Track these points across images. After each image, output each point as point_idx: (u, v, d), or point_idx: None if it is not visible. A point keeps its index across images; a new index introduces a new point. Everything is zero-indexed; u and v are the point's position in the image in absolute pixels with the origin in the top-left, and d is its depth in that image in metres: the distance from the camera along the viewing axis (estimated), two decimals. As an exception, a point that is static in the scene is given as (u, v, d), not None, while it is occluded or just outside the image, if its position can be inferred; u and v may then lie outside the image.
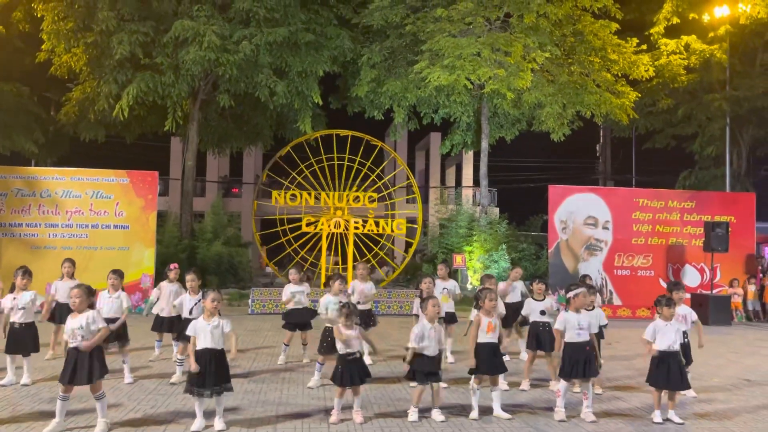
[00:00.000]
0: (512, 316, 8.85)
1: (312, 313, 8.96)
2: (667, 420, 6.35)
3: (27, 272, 7.57)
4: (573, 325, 6.45)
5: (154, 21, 16.02)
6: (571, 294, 6.67)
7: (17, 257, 12.98)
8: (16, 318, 7.33)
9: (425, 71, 16.45)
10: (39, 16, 16.55)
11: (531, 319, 7.85)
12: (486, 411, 6.42)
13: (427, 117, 20.28)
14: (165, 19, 16.19)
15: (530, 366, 7.84)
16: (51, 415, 5.79)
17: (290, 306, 8.85)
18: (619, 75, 18.44)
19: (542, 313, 7.74)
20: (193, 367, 5.60)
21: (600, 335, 7.67)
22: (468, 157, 29.76)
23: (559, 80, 17.66)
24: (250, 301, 14.82)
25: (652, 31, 20.90)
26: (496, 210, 26.35)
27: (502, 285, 9.28)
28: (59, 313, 8.84)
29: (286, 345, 8.97)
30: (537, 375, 8.09)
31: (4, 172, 14.42)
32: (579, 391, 6.80)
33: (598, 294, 7.85)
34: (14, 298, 7.33)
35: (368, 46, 18.39)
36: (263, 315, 14.25)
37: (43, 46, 16.93)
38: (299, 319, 8.84)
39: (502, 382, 7.24)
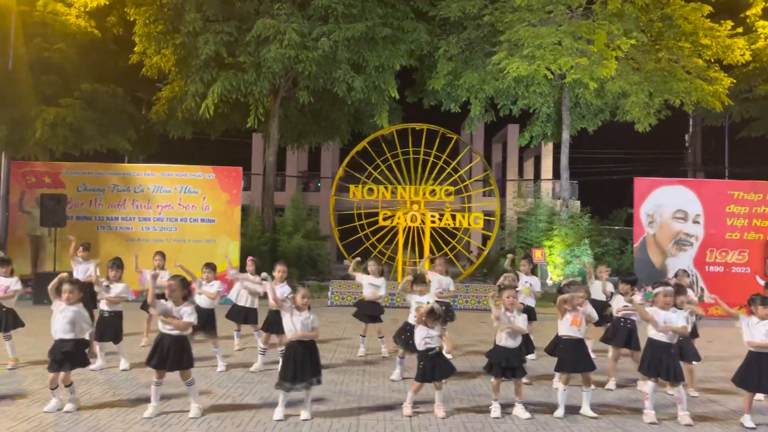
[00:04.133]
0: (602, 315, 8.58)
1: (381, 308, 9.04)
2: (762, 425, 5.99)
3: (118, 264, 8.00)
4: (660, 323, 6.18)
5: (237, 21, 16.53)
6: (654, 291, 6.42)
7: (114, 249, 13.76)
8: (105, 307, 7.79)
9: (503, 62, 16.18)
10: (131, 20, 17.46)
11: (615, 315, 7.59)
12: (572, 409, 6.27)
13: (505, 109, 19.91)
14: (247, 18, 16.68)
15: (615, 364, 7.58)
16: (148, 399, 6.12)
17: (365, 294, 8.96)
18: (712, 60, 17.46)
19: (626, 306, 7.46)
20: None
21: (694, 334, 7.36)
22: (547, 149, 29.05)
23: (646, 68, 16.91)
24: (329, 293, 15.10)
25: (748, 13, 19.58)
26: (578, 203, 25.61)
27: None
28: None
29: (363, 336, 9.08)
30: (625, 375, 7.80)
31: (102, 169, 15.34)
32: (672, 394, 6.50)
33: (690, 291, 7.47)
34: (107, 286, 7.78)
35: (445, 38, 18.26)
36: (342, 307, 14.47)
37: (135, 49, 17.83)
38: (369, 311, 8.91)
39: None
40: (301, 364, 5.78)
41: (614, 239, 18.98)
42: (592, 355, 7.64)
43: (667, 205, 15.38)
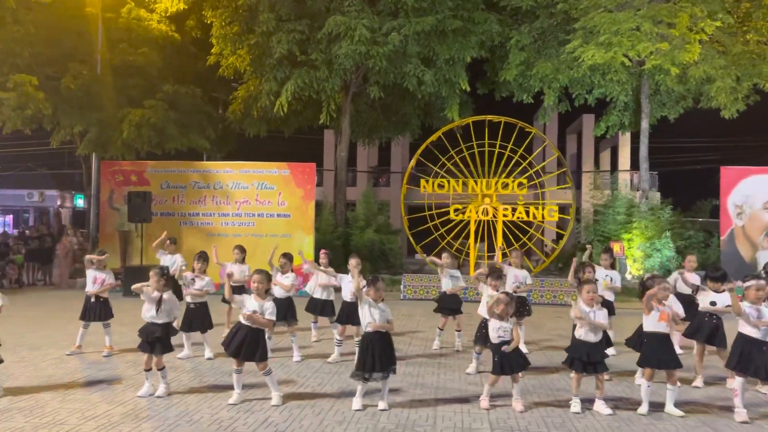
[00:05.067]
0: (689, 309, 8.22)
1: (461, 300, 9.03)
2: None
3: (204, 257, 8.33)
4: (752, 318, 5.87)
5: (309, 19, 16.83)
6: (745, 285, 6.10)
7: (195, 244, 14.30)
8: (192, 299, 8.12)
9: (578, 50, 15.75)
10: (209, 22, 18.11)
11: (700, 308, 7.25)
12: (656, 406, 6.06)
13: (580, 98, 19.35)
14: (319, 16, 16.94)
15: (701, 360, 7.25)
16: (231, 387, 6.36)
17: (443, 290, 8.96)
18: (807, 40, 16.37)
19: (713, 303, 7.11)
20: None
21: None
22: (625, 139, 28.05)
23: (732, 51, 16.04)
24: (402, 286, 15.17)
25: None
26: (658, 195, 24.61)
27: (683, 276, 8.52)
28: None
29: (441, 330, 9.09)
30: (713, 372, 7.47)
31: (184, 167, 16.02)
32: (765, 392, 6.17)
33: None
34: (192, 280, 8.12)
35: (517, 28, 17.94)
36: (415, 300, 14.52)
37: (212, 50, 18.50)
38: (451, 304, 8.91)
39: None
40: (380, 355, 5.86)
41: (698, 232, 18.13)
42: (679, 352, 7.36)
43: (757, 195, 14.58)
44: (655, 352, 6.02)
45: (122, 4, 18.60)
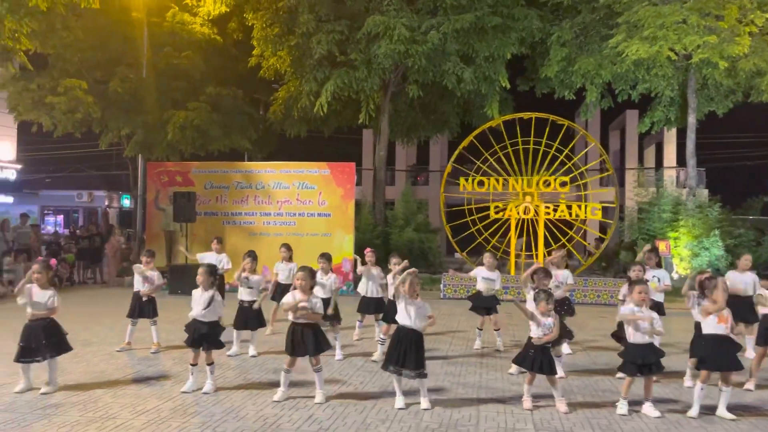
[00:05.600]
0: (740, 309, 7.98)
1: (497, 298, 8.97)
2: None
3: (253, 256, 8.46)
4: None
5: (348, 19, 16.92)
6: None
7: (239, 243, 14.56)
8: (245, 297, 8.27)
9: (622, 45, 15.42)
10: (250, 24, 18.39)
11: (761, 312, 7.02)
12: (705, 409, 5.90)
13: (623, 94, 18.94)
14: (358, 16, 17.02)
15: (759, 363, 7.02)
16: (275, 384, 6.48)
17: (480, 288, 8.90)
18: None
19: None
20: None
21: None
22: (670, 135, 27.36)
23: (785, 42, 15.46)
24: (441, 285, 15.12)
25: None
26: (705, 192, 23.92)
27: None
28: (279, 293, 9.75)
29: (480, 329, 9.04)
30: (765, 374, 7.23)
31: (226, 167, 16.30)
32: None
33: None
34: (246, 278, 8.26)
35: (558, 24, 17.68)
36: (455, 300, 14.46)
37: (253, 52, 18.79)
38: (485, 303, 8.84)
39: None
40: (404, 352, 5.86)
41: (749, 230, 17.55)
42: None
43: (811, 192, 14.03)
44: (717, 354, 5.85)
45: (166, 9, 19.04)
